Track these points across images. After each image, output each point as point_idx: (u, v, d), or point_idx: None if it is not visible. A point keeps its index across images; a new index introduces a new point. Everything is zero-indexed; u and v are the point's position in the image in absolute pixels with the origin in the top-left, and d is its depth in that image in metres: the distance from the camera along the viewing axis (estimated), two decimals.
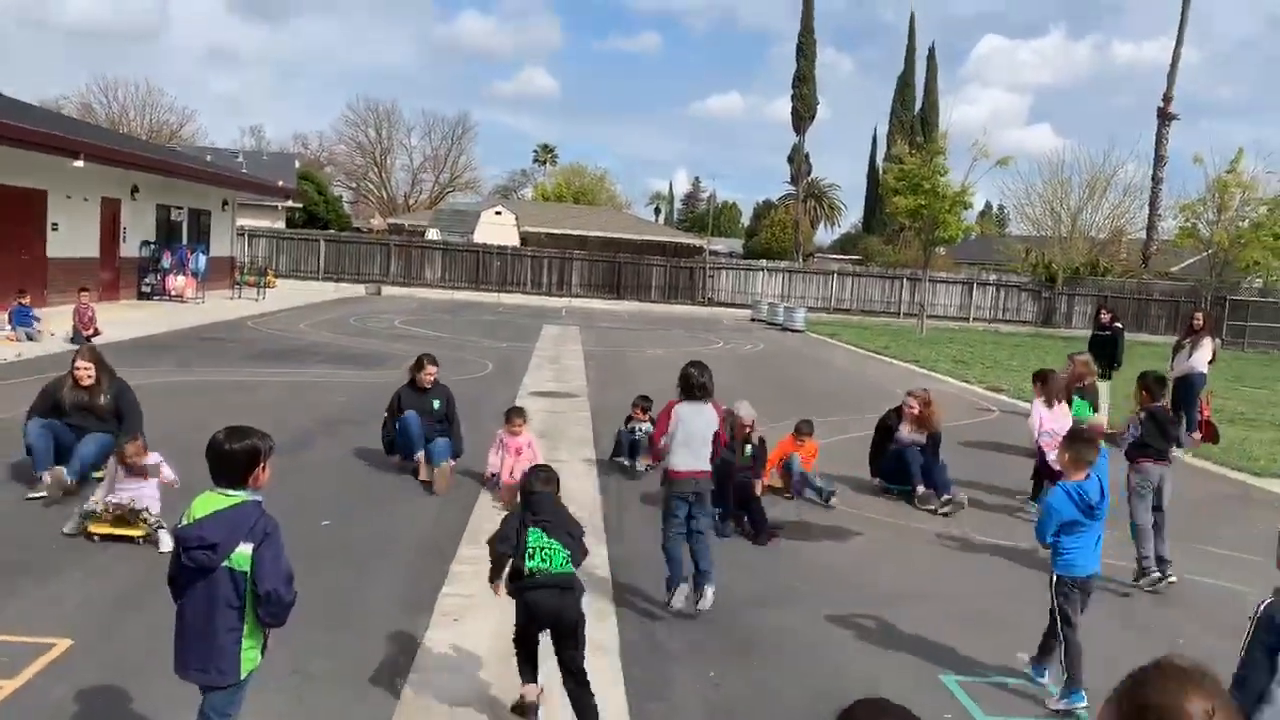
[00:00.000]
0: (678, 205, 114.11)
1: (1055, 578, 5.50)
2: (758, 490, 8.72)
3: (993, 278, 45.50)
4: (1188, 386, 13.94)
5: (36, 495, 7.86)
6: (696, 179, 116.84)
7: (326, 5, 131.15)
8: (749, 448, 8.93)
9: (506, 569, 4.79)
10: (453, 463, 9.33)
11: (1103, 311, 16.69)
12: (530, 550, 4.76)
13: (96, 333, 17.64)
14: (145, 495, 7.19)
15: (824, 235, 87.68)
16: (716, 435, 6.52)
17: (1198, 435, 9.27)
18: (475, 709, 4.92)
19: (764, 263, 47.25)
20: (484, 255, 42.84)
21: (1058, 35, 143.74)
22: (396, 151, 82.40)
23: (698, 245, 58.11)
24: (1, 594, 5.98)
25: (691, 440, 6.41)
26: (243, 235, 38.93)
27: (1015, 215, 55.21)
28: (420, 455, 9.34)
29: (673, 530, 6.46)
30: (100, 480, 7.60)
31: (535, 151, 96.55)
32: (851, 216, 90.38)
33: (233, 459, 3.68)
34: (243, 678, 3.69)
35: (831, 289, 44.15)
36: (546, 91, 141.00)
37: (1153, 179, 48.33)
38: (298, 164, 62.36)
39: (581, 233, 54.51)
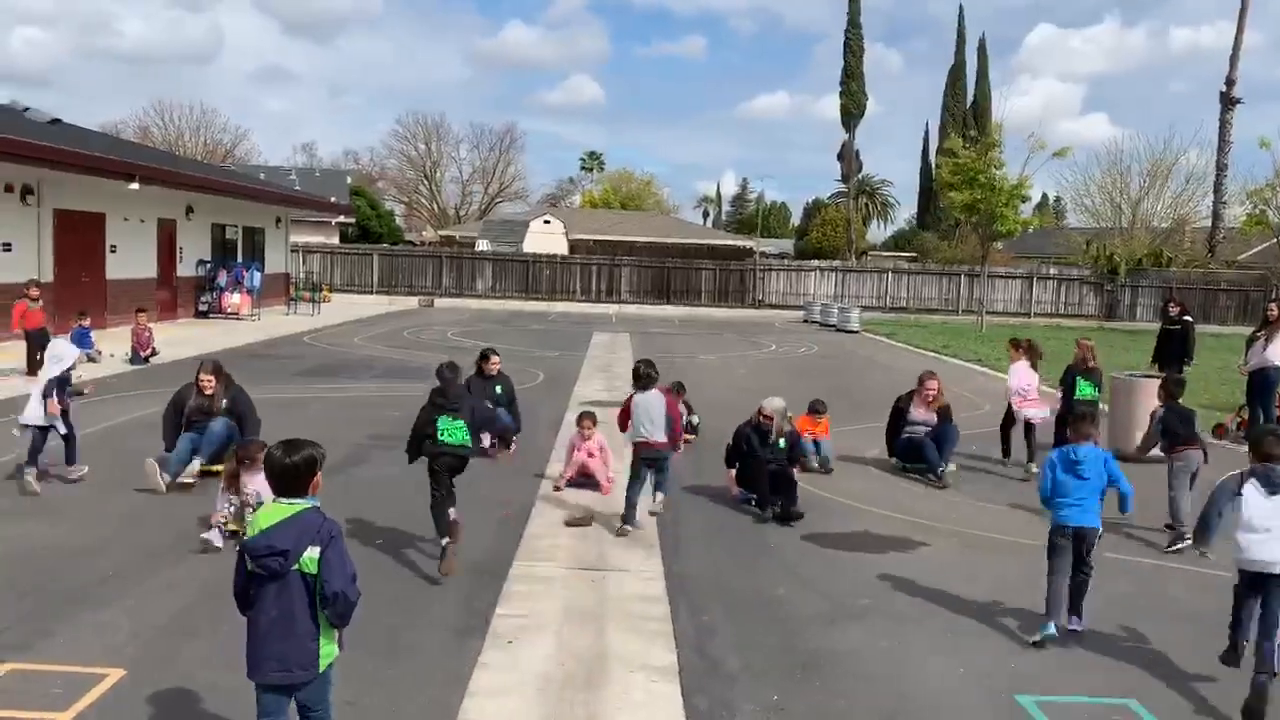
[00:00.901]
0: (726, 208, 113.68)
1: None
2: (795, 475, 9.25)
3: (1053, 271, 44.54)
4: (1265, 380, 13.39)
5: (148, 489, 8.88)
6: (744, 180, 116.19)
7: (373, 23, 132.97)
8: (781, 440, 9.34)
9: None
10: (516, 439, 10.03)
11: (1171, 303, 16.08)
12: (441, 430, 7.08)
13: (154, 353, 17.88)
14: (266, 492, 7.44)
15: (877, 233, 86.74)
16: (670, 415, 8.70)
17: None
18: None
19: (816, 263, 46.76)
20: (533, 264, 42.94)
21: (1111, 22, 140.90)
22: (446, 164, 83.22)
23: (747, 247, 57.72)
24: (54, 622, 5.96)
25: (646, 419, 8.46)
26: (297, 252, 39.43)
27: (1074, 207, 54.03)
28: (485, 436, 9.97)
29: (637, 486, 8.44)
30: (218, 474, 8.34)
31: (582, 159, 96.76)
32: (905, 213, 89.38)
33: (294, 471, 3.95)
34: (323, 670, 3.95)
35: (886, 287, 43.54)
36: (592, 99, 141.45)
37: (1217, 165, 46.98)
38: (350, 180, 63.17)
39: (629, 238, 54.42)
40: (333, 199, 43.02)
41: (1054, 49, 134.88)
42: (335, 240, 49.20)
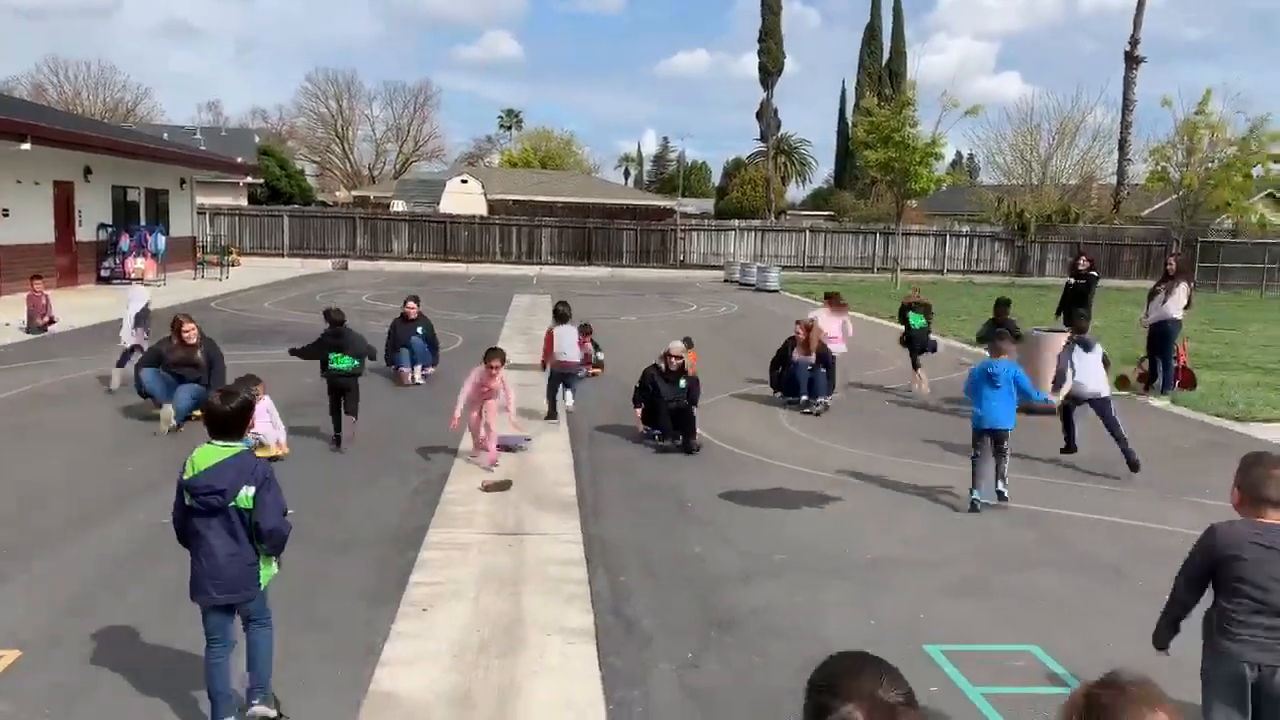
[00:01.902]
0: (647, 167, 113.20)
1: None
2: (694, 413, 10.28)
3: (965, 229, 45.38)
4: (1163, 334, 13.83)
5: (169, 422, 10.06)
6: (665, 139, 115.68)
7: None
8: (683, 380, 10.37)
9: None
10: (431, 369, 13.90)
11: (1082, 257, 16.39)
12: (332, 359, 9.65)
13: (52, 321, 17.21)
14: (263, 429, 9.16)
15: (796, 192, 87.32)
16: (580, 344, 12.08)
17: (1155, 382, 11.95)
18: (445, 702, 4.74)
19: (736, 222, 46.90)
20: (451, 225, 42.28)
21: None
22: (358, 123, 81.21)
23: (669, 207, 57.64)
24: None
25: (563, 345, 11.32)
26: (203, 214, 38.17)
27: (986, 165, 55.01)
28: (407, 368, 13.61)
29: (554, 394, 11.40)
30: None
31: (500, 117, 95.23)
32: (823, 172, 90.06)
33: (230, 417, 4.34)
34: (263, 588, 4.43)
35: (805, 246, 43.91)
36: (510, 56, 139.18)
37: (1122, 123, 48.22)
38: (257, 139, 61.25)
39: (550, 199, 53.91)
40: (239, 159, 41.63)
41: (969, 7, 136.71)
42: (244, 202, 47.81)
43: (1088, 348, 9.84)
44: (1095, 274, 16.12)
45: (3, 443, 9.65)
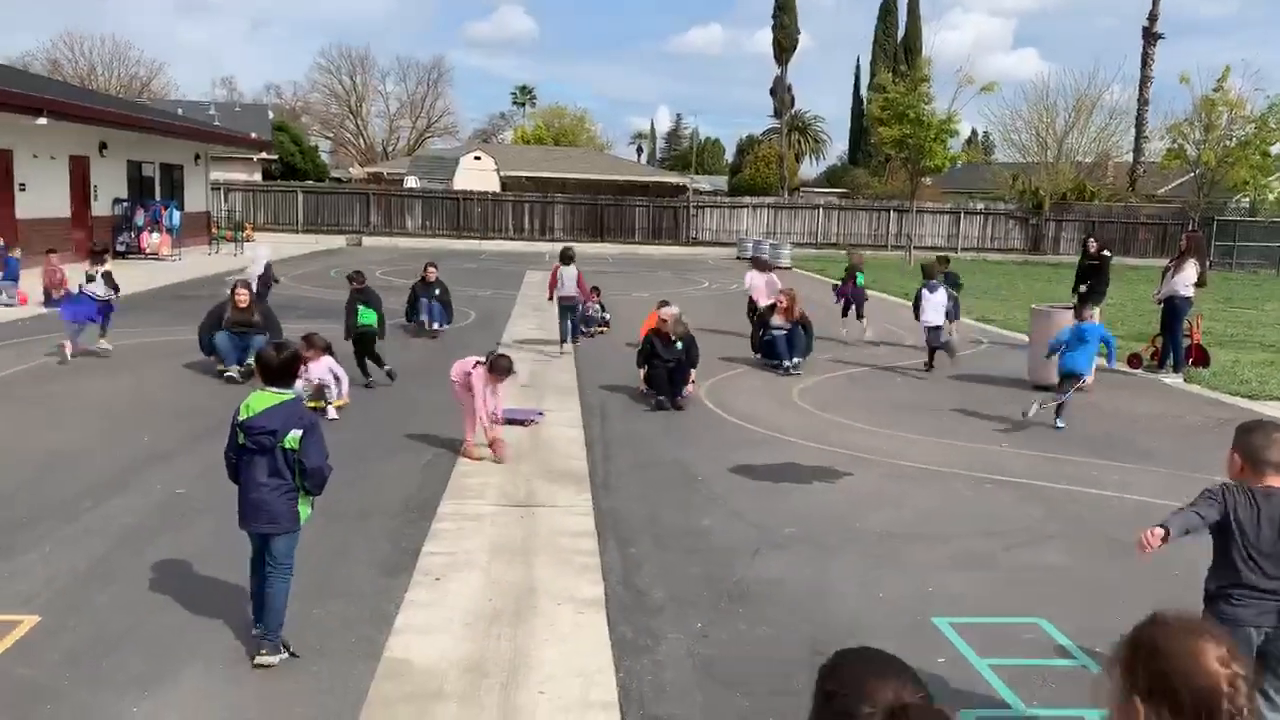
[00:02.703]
0: (660, 144, 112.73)
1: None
2: (691, 376, 11.17)
3: (980, 206, 45.15)
4: (1172, 310, 13.73)
5: (231, 376, 11.36)
6: (678, 116, 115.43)
7: None
8: (678, 344, 11.13)
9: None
10: (445, 327, 15.75)
11: (1091, 240, 16.35)
12: (359, 314, 11.51)
13: (68, 293, 17.29)
14: (322, 376, 10.06)
15: (809, 169, 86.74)
16: (579, 282, 14.17)
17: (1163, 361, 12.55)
18: (458, 669, 4.79)
19: (748, 199, 46.76)
20: (464, 202, 42.28)
21: None
22: (372, 98, 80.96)
23: (681, 184, 57.46)
24: None
25: (565, 282, 13.95)
26: (218, 189, 38.29)
27: (1001, 142, 54.52)
28: (425, 320, 15.59)
29: (564, 324, 14.19)
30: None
31: (514, 94, 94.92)
32: (837, 149, 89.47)
33: (283, 367, 4.87)
34: (299, 526, 4.89)
35: (818, 223, 43.76)
36: (524, 32, 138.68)
37: (1139, 100, 47.77)
38: (271, 115, 61.24)
39: (563, 175, 53.79)
40: (254, 135, 41.69)
41: None
42: (258, 178, 47.87)
43: (933, 290, 13.55)
44: (1107, 254, 16.05)
45: (21, 413, 9.74)
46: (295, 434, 4.70)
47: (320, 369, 9.96)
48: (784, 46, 62.96)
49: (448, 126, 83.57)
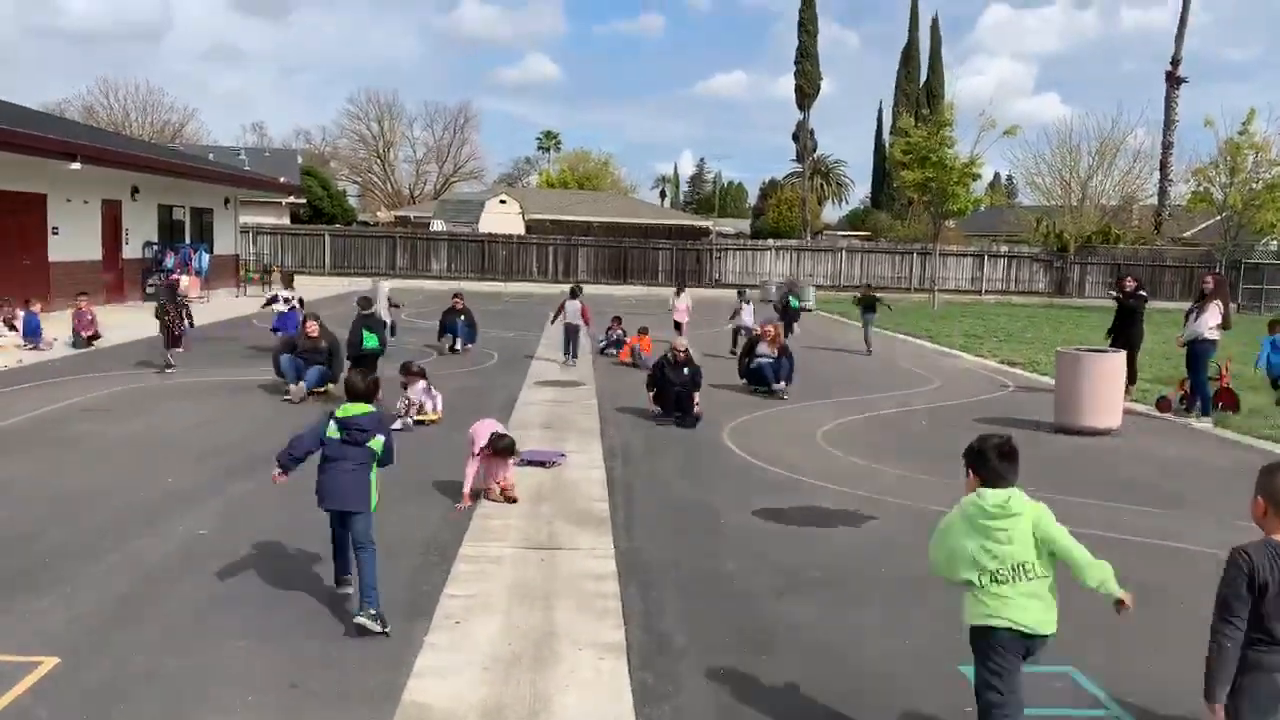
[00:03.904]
0: (683, 188, 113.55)
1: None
2: (696, 398, 12.41)
3: (1004, 249, 45.01)
4: (1196, 354, 13.54)
5: (287, 399, 12.74)
6: (701, 160, 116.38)
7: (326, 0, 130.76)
8: (686, 370, 12.43)
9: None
10: (471, 345, 18.73)
11: (1127, 279, 16.11)
12: (364, 338, 13.17)
13: (97, 335, 17.52)
14: (421, 397, 11.76)
15: (832, 212, 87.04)
16: (582, 312, 17.33)
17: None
18: (477, 714, 4.72)
19: (771, 242, 46.84)
20: (489, 245, 42.61)
21: (1064, 1, 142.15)
22: (399, 143, 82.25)
23: (704, 227, 57.74)
24: None
25: (569, 312, 17.21)
26: (246, 233, 38.79)
27: (1025, 186, 54.54)
28: (453, 341, 18.41)
29: (567, 344, 17.28)
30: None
31: (539, 139, 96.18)
32: (859, 192, 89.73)
33: (368, 389, 6.19)
34: (372, 509, 5.93)
35: (840, 266, 43.75)
36: (549, 78, 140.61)
37: (1163, 144, 47.73)
38: (300, 159, 62.22)
39: (587, 219, 54.19)
40: (283, 179, 42.34)
41: (1008, 28, 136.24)
42: (286, 221, 48.49)
43: (748, 302, 19.66)
44: (1144, 293, 15.82)
45: (48, 454, 9.80)
46: (379, 439, 5.93)
47: (417, 390, 11.74)
48: (806, 92, 63.41)
49: (473, 171, 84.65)
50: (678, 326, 19.39)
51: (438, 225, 47.19)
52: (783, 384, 14.49)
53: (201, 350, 17.64)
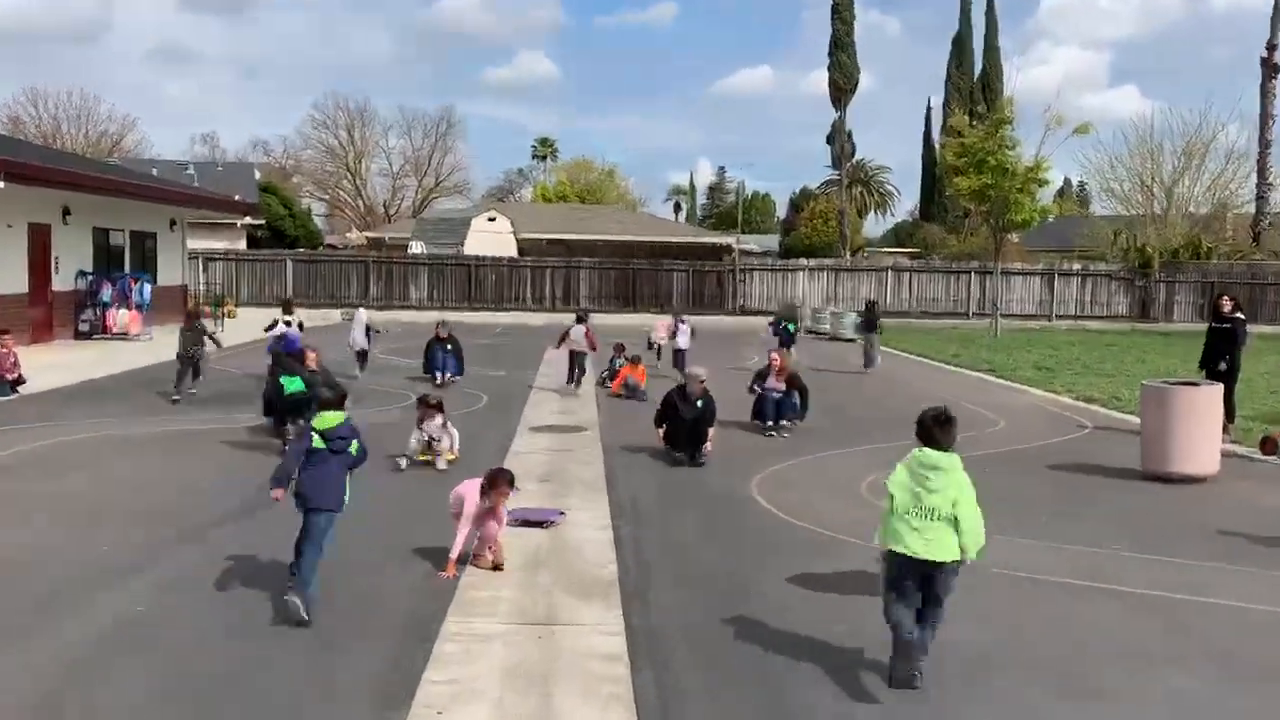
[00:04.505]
0: (700, 200, 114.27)
1: None
2: (710, 434, 13.05)
3: (1076, 266, 45.06)
4: None
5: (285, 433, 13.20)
6: (721, 169, 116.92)
7: None
8: (700, 403, 13.06)
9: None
10: (458, 378, 20.11)
11: (1223, 299, 16.05)
12: (285, 383, 13.25)
13: (20, 380, 17.60)
14: (435, 430, 12.41)
15: (874, 226, 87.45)
16: (587, 338, 19.68)
17: None
18: None
19: (804, 262, 47.03)
20: (476, 269, 42.90)
21: None
22: (372, 154, 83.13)
23: (725, 245, 57.95)
24: None
25: (574, 339, 19.64)
26: (195, 259, 39.11)
27: (1099, 193, 54.76)
28: (438, 374, 19.87)
29: (571, 370, 19.57)
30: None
31: (533, 147, 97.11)
32: (906, 203, 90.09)
33: (340, 399, 7.90)
34: (342, 509, 7.52)
35: (886, 288, 43.85)
36: (545, 77, 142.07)
37: (1260, 142, 47.81)
38: (258, 174, 62.87)
39: (589, 237, 54.46)
40: (237, 196, 42.74)
41: (1076, 10, 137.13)
42: (242, 245, 48.90)
43: (683, 322, 22.79)
44: (1241, 315, 15.72)
45: None
46: (355, 443, 7.55)
47: (433, 425, 12.31)
48: (842, 88, 63.98)
49: (458, 185, 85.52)
50: (678, 356, 21.80)
51: (417, 247, 47.53)
52: (786, 422, 15.15)
53: (143, 398, 17.70)
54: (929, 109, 77.43)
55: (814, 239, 65.74)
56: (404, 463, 12.14)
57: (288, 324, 19.37)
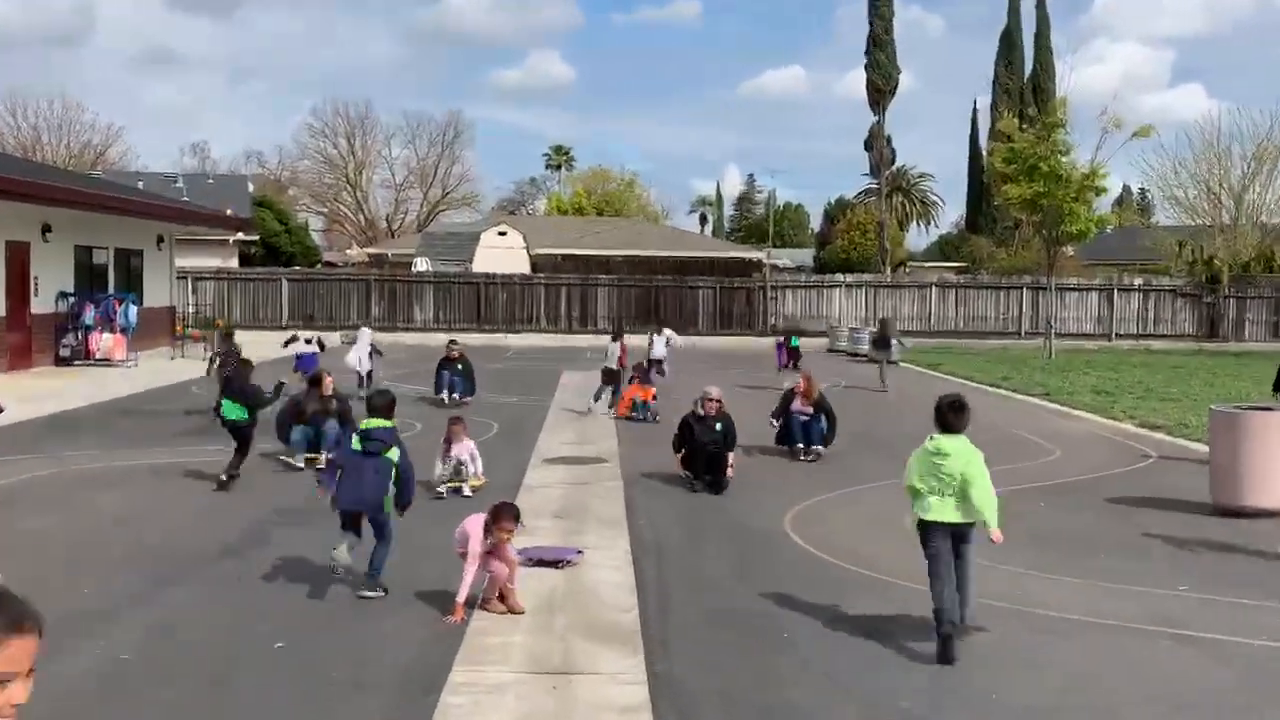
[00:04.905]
0: (728, 212, 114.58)
1: None
2: (730, 460, 13.29)
3: (1138, 281, 44.87)
4: None
5: (297, 464, 14.14)
6: (750, 178, 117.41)
7: None
8: (718, 425, 13.27)
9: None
10: (469, 399, 21.06)
11: None
12: (223, 407, 13.41)
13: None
14: (465, 456, 12.99)
15: (917, 239, 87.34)
16: (620, 355, 20.62)
17: None
18: None
19: (842, 278, 47.01)
20: (486, 287, 43.07)
21: None
22: (374, 165, 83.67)
23: (755, 260, 57.98)
24: None
25: (609, 355, 20.78)
26: (184, 278, 39.39)
27: (1162, 201, 54.55)
28: (445, 393, 20.84)
29: (602, 390, 20.34)
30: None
31: (546, 155, 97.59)
32: (951, 213, 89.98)
33: (386, 407, 9.06)
34: (386, 511, 8.76)
35: (930, 306, 43.79)
36: (559, 80, 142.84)
37: None
38: (251, 187, 63.39)
39: (608, 252, 54.57)
40: (229, 211, 43.08)
41: (1134, 5, 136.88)
42: (234, 263, 49.26)
43: (658, 334, 24.72)
44: None
45: None
46: (394, 452, 8.57)
47: (462, 450, 12.88)
48: (880, 89, 64.06)
49: (466, 197, 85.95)
50: (655, 367, 22.51)
51: (422, 264, 47.78)
52: (816, 449, 15.53)
53: (126, 427, 17.81)
54: (975, 111, 77.34)
55: (851, 253, 65.70)
56: (444, 490, 12.57)
57: (308, 342, 20.53)
